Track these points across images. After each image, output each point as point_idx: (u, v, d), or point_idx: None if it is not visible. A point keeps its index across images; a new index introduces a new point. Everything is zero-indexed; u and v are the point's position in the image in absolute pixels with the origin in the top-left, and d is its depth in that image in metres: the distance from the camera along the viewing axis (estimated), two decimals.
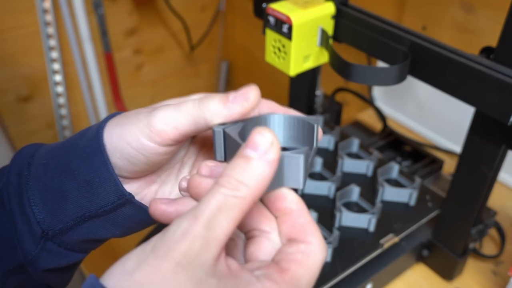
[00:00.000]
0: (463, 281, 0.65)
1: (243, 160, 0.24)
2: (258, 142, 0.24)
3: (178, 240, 0.23)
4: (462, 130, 0.56)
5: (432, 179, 0.76)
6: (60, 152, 0.33)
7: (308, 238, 0.27)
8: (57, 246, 0.33)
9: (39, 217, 0.32)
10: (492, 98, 0.45)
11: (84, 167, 0.32)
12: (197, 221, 0.23)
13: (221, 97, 0.30)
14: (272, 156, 0.25)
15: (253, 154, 0.24)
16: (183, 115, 0.30)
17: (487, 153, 0.52)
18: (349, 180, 0.67)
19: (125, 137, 0.31)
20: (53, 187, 0.32)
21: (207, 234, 0.23)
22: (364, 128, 0.90)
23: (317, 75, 0.76)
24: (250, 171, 0.24)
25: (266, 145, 0.24)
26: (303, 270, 0.26)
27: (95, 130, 0.32)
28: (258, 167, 0.24)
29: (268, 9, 0.57)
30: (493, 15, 0.79)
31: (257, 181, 0.24)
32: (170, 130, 0.30)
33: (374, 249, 0.59)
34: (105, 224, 0.34)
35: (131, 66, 1.40)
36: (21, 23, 1.15)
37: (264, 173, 0.24)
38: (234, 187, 0.24)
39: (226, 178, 0.24)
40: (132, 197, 0.33)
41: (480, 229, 0.62)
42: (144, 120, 0.30)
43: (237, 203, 0.24)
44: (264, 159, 0.24)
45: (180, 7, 1.36)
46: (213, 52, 1.58)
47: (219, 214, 0.23)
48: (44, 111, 1.29)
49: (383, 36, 0.53)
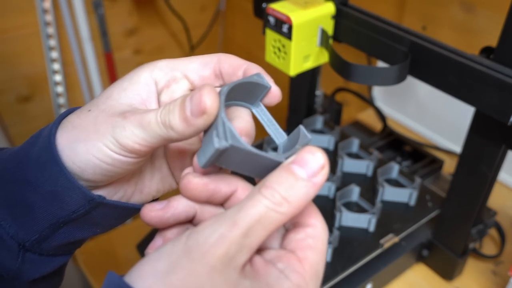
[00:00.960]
0: (463, 281, 0.65)
1: (292, 177, 0.25)
2: (308, 161, 0.25)
3: (215, 245, 0.23)
4: (462, 130, 0.56)
5: (432, 179, 0.76)
6: (13, 163, 0.31)
7: (312, 221, 0.27)
8: (38, 255, 0.32)
9: (11, 231, 0.31)
10: (492, 98, 0.45)
11: (42, 178, 0.30)
12: (236, 228, 0.23)
13: (180, 114, 0.27)
14: (320, 180, 0.25)
15: (302, 173, 0.25)
16: (149, 134, 0.28)
17: (487, 153, 0.52)
18: (349, 180, 0.67)
19: (95, 154, 0.29)
20: (16, 200, 0.31)
21: (244, 241, 0.23)
22: (364, 128, 0.90)
23: (317, 75, 0.76)
24: (296, 190, 0.24)
25: (317, 168, 0.25)
26: (317, 255, 0.27)
27: (46, 138, 0.30)
28: (305, 188, 0.24)
29: (268, 9, 0.57)
30: (493, 15, 0.79)
31: (301, 201, 0.24)
32: (142, 147, 0.28)
33: (374, 249, 0.58)
34: (82, 225, 0.32)
35: (131, 66, 1.40)
36: (21, 23, 1.15)
37: (309, 194, 0.25)
38: (278, 202, 0.24)
39: (271, 191, 0.24)
40: (102, 199, 0.31)
41: (480, 229, 0.62)
42: (109, 138, 0.28)
43: (277, 218, 0.24)
44: (312, 182, 0.25)
45: (180, 7, 1.36)
46: (213, 52, 1.58)
47: (258, 225, 0.24)
48: (44, 111, 1.29)
49: (383, 36, 0.53)
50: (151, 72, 0.31)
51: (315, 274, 0.26)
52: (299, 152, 0.25)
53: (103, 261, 0.69)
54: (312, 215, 0.28)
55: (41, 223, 0.31)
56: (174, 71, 0.32)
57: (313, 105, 0.80)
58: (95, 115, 0.30)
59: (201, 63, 0.32)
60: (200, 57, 0.32)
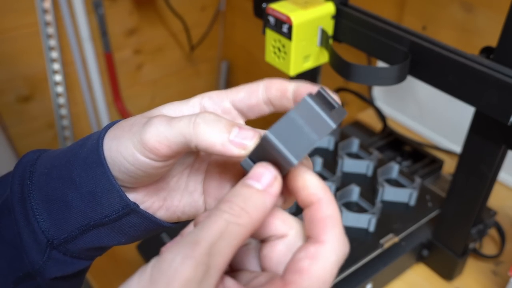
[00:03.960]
0: (463, 281, 0.65)
1: (247, 189, 0.25)
2: (262, 174, 0.25)
3: (179, 268, 0.22)
4: (462, 130, 0.56)
5: (432, 179, 0.76)
6: (61, 161, 0.33)
7: (323, 237, 0.25)
8: (62, 254, 0.33)
9: (44, 226, 0.32)
10: (492, 98, 0.45)
11: (85, 178, 0.31)
12: (199, 247, 0.22)
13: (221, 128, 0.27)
14: (275, 190, 0.25)
15: (257, 185, 0.25)
16: (175, 134, 0.28)
17: (487, 153, 0.52)
18: (349, 180, 0.67)
19: (122, 152, 0.30)
20: (56, 197, 0.32)
21: (209, 261, 0.22)
22: (364, 128, 0.90)
23: (317, 75, 0.76)
24: (253, 201, 0.25)
25: (270, 179, 0.25)
26: (310, 281, 0.24)
27: (95, 140, 0.31)
28: (261, 198, 0.25)
29: (268, 9, 0.57)
30: (493, 15, 0.79)
31: (259, 211, 0.25)
32: (162, 147, 0.28)
33: (374, 249, 0.59)
34: (110, 232, 0.33)
35: (131, 66, 1.40)
36: (21, 23, 1.15)
37: (266, 204, 0.25)
38: (237, 214, 0.24)
39: (229, 204, 0.24)
40: (136, 206, 0.32)
41: (480, 229, 0.62)
42: (137, 135, 0.29)
43: (238, 230, 0.24)
44: (268, 191, 0.25)
45: (180, 7, 1.36)
46: (213, 52, 1.58)
47: (221, 241, 0.23)
48: (44, 111, 1.29)
49: (383, 36, 0.53)
50: (201, 99, 0.33)
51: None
52: (252, 168, 0.26)
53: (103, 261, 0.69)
54: (325, 230, 0.25)
55: (73, 223, 0.32)
56: (223, 102, 0.33)
57: None
58: (136, 118, 0.31)
59: (248, 91, 0.32)
60: (247, 86, 0.33)
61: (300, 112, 0.25)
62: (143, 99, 1.49)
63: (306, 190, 0.26)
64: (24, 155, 0.35)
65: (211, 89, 1.65)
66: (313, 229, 0.25)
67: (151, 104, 1.52)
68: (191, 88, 1.60)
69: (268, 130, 0.25)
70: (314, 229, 0.25)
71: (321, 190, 0.26)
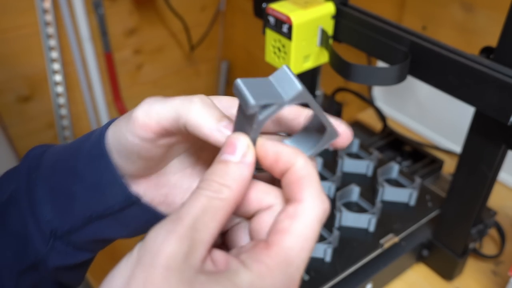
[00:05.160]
0: (463, 281, 0.65)
1: (223, 165, 0.25)
2: (235, 145, 0.26)
3: (163, 243, 0.22)
4: (462, 130, 0.56)
5: (432, 179, 0.76)
6: (66, 155, 0.34)
7: (299, 195, 0.25)
8: (65, 245, 0.34)
9: (48, 217, 0.33)
10: (492, 98, 0.45)
11: (89, 170, 0.32)
12: (182, 222, 0.23)
13: (214, 114, 0.28)
14: (250, 159, 0.26)
15: (232, 158, 0.25)
16: (167, 109, 0.28)
17: (487, 153, 0.52)
18: (349, 180, 0.67)
19: (117, 135, 0.30)
20: (61, 188, 0.33)
21: (193, 235, 0.23)
22: (364, 128, 0.90)
23: (317, 75, 0.76)
24: (231, 174, 0.25)
25: (244, 149, 0.26)
26: (291, 239, 0.24)
27: (98, 133, 0.32)
28: (238, 170, 0.25)
29: (268, 9, 0.57)
30: (493, 15, 0.79)
31: (238, 182, 0.25)
32: (152, 123, 0.28)
33: (374, 249, 0.59)
34: (112, 224, 0.34)
35: (131, 66, 1.40)
36: (21, 23, 1.15)
37: (244, 175, 0.25)
38: (216, 189, 0.24)
39: (208, 182, 0.25)
40: (138, 199, 0.33)
41: (480, 229, 0.62)
42: (130, 114, 0.30)
43: (221, 204, 0.24)
44: (243, 162, 0.25)
45: (180, 7, 1.36)
46: (213, 52, 1.58)
47: (204, 216, 0.23)
48: (44, 111, 1.29)
49: (383, 36, 0.53)
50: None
51: (284, 261, 0.24)
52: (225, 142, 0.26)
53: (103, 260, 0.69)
54: (302, 188, 0.25)
55: (76, 214, 0.33)
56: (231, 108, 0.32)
57: None
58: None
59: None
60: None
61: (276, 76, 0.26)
62: (143, 99, 1.49)
63: (280, 161, 0.26)
64: (31, 149, 0.37)
65: (211, 89, 1.66)
66: (290, 191, 0.25)
67: None
68: (191, 88, 1.60)
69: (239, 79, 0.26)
70: (291, 190, 0.25)
71: (294, 155, 0.26)
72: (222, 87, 1.65)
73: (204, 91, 1.64)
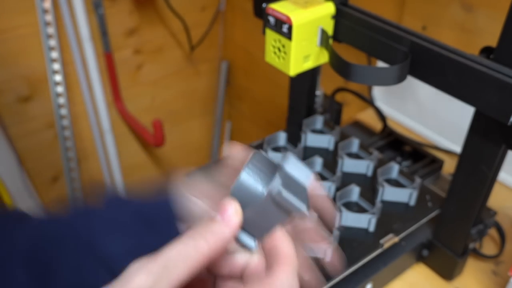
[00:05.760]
0: (463, 281, 0.65)
1: (210, 221, 0.29)
2: (226, 208, 0.29)
3: (134, 274, 0.25)
4: (462, 130, 0.56)
5: (432, 179, 0.76)
6: None
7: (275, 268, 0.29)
8: None
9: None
10: (492, 98, 0.45)
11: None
12: (156, 260, 0.26)
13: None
14: (234, 222, 0.29)
15: (219, 217, 0.29)
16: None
17: (487, 153, 0.52)
18: (349, 180, 0.67)
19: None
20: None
21: (162, 272, 0.25)
22: (364, 128, 0.90)
23: (317, 75, 0.76)
24: (213, 230, 0.28)
25: (231, 212, 0.29)
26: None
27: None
28: (219, 228, 0.28)
29: (268, 9, 0.57)
30: (493, 15, 0.79)
31: (216, 238, 0.28)
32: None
33: (374, 249, 0.58)
34: None
35: (131, 66, 1.40)
36: (21, 23, 1.15)
37: (223, 233, 0.28)
38: (195, 239, 0.27)
39: (193, 232, 0.28)
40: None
41: (480, 229, 0.62)
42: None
43: (194, 253, 0.27)
44: (226, 223, 0.29)
45: (180, 7, 1.36)
46: (213, 52, 1.58)
47: (177, 259, 0.26)
48: (44, 111, 1.29)
49: (383, 36, 0.53)
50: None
51: None
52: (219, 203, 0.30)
53: None
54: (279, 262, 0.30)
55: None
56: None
57: (313, 105, 0.80)
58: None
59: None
60: None
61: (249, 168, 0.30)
62: (143, 99, 1.49)
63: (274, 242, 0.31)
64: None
65: (211, 89, 1.66)
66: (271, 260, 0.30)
67: (151, 104, 1.52)
68: (191, 88, 1.60)
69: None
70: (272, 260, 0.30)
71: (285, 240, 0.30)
72: (222, 87, 1.65)
73: (204, 91, 1.64)
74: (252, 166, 0.30)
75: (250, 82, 1.59)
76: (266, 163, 0.31)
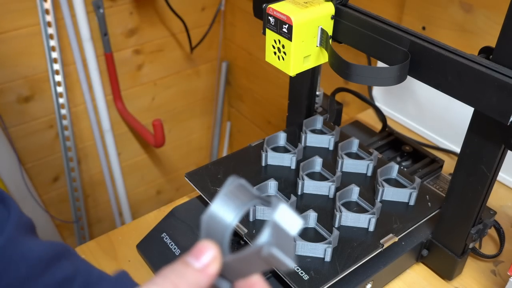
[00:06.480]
0: (462, 280, 0.65)
1: (184, 266, 0.25)
2: (203, 253, 0.25)
3: None
4: (462, 130, 0.56)
5: (432, 179, 0.76)
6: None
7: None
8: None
9: None
10: (492, 98, 0.45)
11: None
12: None
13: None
14: (212, 271, 0.25)
15: (195, 263, 0.25)
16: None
17: (486, 153, 0.52)
18: (349, 180, 0.68)
19: None
20: None
21: None
22: (364, 128, 0.90)
23: (317, 75, 0.76)
24: (187, 279, 0.25)
25: (209, 259, 0.25)
26: None
27: None
28: (196, 277, 0.25)
29: (268, 9, 0.57)
30: (492, 15, 0.80)
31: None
32: None
33: (374, 249, 0.59)
34: None
35: (131, 66, 1.41)
36: (22, 23, 1.15)
37: (200, 283, 0.25)
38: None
39: (163, 278, 0.24)
40: None
41: (479, 229, 0.62)
42: None
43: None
44: (204, 272, 0.25)
45: (180, 7, 1.36)
46: (213, 52, 1.58)
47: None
48: (45, 111, 1.29)
49: (383, 36, 0.53)
50: None
51: None
52: (195, 245, 0.26)
53: (104, 261, 0.69)
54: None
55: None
56: None
57: (313, 105, 0.80)
58: None
59: None
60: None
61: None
62: (143, 99, 1.49)
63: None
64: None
65: (211, 89, 1.66)
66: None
67: (151, 104, 1.52)
68: (191, 88, 1.60)
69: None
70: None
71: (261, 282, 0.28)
72: (222, 87, 1.65)
73: (204, 91, 1.64)
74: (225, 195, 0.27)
75: (250, 82, 1.59)
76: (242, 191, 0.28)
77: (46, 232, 1.40)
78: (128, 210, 1.56)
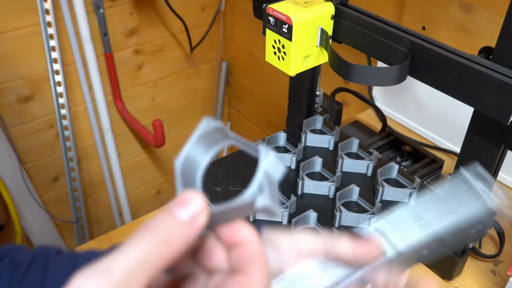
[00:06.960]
0: (462, 280, 0.65)
1: (172, 220, 0.23)
2: (189, 202, 0.24)
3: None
4: (462, 130, 0.56)
5: (432, 179, 0.76)
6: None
7: (250, 268, 0.25)
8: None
9: None
10: (491, 98, 0.45)
11: None
12: (112, 277, 0.21)
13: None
14: (200, 223, 0.24)
15: (183, 216, 0.24)
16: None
17: (486, 153, 0.52)
18: (349, 180, 0.68)
19: None
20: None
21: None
22: (364, 128, 0.90)
23: (317, 75, 0.76)
24: (176, 233, 0.23)
25: (197, 210, 0.24)
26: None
27: None
28: (185, 231, 0.23)
29: (268, 9, 0.57)
30: (492, 15, 0.80)
31: (182, 243, 0.23)
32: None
33: None
34: None
35: (131, 66, 1.41)
36: (22, 23, 1.15)
37: (190, 237, 0.23)
38: (158, 245, 0.22)
39: (152, 234, 0.23)
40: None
41: (479, 229, 0.62)
42: None
43: (157, 262, 0.22)
44: (192, 225, 0.24)
45: (180, 7, 1.36)
46: (213, 52, 1.58)
47: (137, 270, 0.21)
48: (45, 111, 1.29)
49: (382, 36, 0.53)
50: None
51: None
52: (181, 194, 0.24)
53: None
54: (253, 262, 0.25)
55: None
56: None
57: (313, 105, 0.80)
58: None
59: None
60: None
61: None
62: (143, 99, 1.49)
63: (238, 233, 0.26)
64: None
65: (211, 89, 1.66)
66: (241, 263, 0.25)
67: (151, 104, 1.52)
68: (191, 88, 1.60)
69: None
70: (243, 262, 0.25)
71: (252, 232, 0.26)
72: (222, 87, 1.65)
73: (204, 91, 1.64)
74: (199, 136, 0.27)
75: (250, 82, 1.59)
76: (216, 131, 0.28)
77: (46, 232, 1.40)
78: (128, 210, 1.56)
